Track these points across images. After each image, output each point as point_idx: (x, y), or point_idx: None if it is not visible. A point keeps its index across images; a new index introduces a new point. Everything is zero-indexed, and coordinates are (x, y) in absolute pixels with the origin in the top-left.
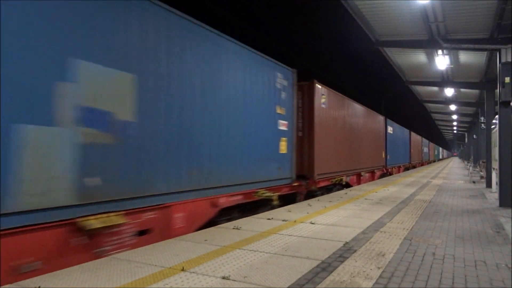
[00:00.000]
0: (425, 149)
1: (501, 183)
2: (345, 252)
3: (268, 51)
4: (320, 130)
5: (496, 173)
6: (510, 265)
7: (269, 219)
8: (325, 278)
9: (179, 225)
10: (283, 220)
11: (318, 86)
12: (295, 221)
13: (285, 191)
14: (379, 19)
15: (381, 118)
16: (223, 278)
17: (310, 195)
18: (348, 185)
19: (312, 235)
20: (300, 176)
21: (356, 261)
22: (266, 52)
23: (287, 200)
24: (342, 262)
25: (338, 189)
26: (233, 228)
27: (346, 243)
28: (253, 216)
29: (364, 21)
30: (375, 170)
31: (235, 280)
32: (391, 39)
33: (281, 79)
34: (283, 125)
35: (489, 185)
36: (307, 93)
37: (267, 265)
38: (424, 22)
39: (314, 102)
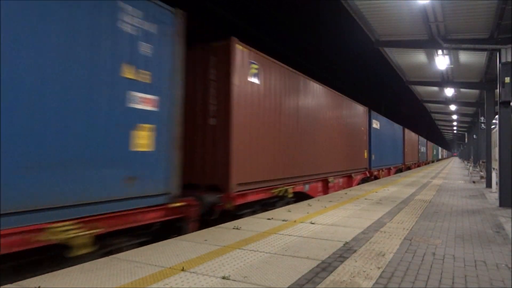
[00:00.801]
0: (422, 149)
1: (501, 183)
2: (345, 252)
3: (268, 51)
4: (245, 116)
5: (496, 173)
6: (510, 265)
7: (269, 219)
8: (325, 278)
9: None
10: (283, 220)
11: (240, 48)
12: (295, 221)
13: (149, 218)
14: (379, 19)
15: (362, 109)
16: (223, 278)
17: (234, 215)
18: (306, 196)
19: (312, 235)
20: (213, 188)
21: (356, 261)
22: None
23: (166, 230)
24: (342, 262)
25: (287, 203)
26: (233, 228)
27: (346, 243)
28: (253, 216)
29: (364, 21)
30: (353, 174)
31: (235, 280)
32: (391, 39)
33: (136, 18)
34: (144, 102)
35: (489, 185)
36: (223, 60)
37: (267, 265)
38: (424, 22)
39: (233, 73)
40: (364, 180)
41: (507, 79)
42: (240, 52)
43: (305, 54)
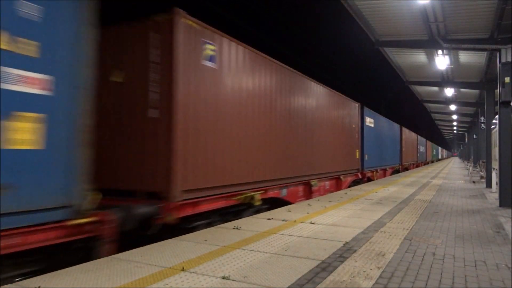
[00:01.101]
0: (421, 148)
1: (501, 183)
2: (345, 252)
3: (268, 51)
4: (194, 108)
5: (496, 173)
6: (510, 265)
7: (269, 219)
8: (325, 278)
9: None
10: (283, 220)
11: (189, 23)
12: (295, 221)
13: (34, 241)
14: (379, 19)
15: (354, 105)
16: (223, 278)
17: (183, 228)
18: (284, 203)
19: (312, 235)
20: (154, 195)
21: (356, 261)
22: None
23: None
24: (342, 262)
25: (258, 211)
26: (233, 228)
27: (346, 243)
28: (253, 216)
29: (364, 21)
30: (342, 176)
31: (235, 280)
32: (391, 39)
33: None
34: (26, 83)
35: (489, 185)
36: (166, 38)
37: (267, 265)
38: (424, 22)
39: (178, 54)
40: (356, 183)
41: (507, 79)
42: (189, 28)
43: (305, 54)
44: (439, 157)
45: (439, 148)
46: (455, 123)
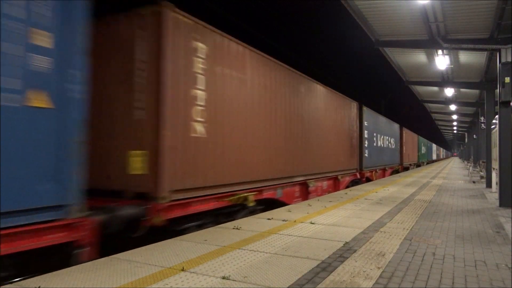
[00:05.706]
0: (393, 143)
1: (501, 183)
2: (345, 252)
3: (268, 51)
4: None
5: (496, 173)
6: (510, 265)
7: (269, 219)
8: (325, 278)
9: None
10: (283, 220)
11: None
12: (295, 221)
13: None
14: (379, 19)
15: None
16: (223, 278)
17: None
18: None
19: (312, 235)
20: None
21: (356, 261)
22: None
23: None
24: (342, 262)
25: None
26: (233, 228)
27: (346, 243)
28: (253, 216)
29: (364, 21)
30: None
31: (235, 280)
32: (391, 39)
33: None
34: None
35: (489, 185)
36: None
37: (267, 265)
38: (424, 22)
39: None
40: None
41: (507, 79)
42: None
43: (305, 53)
44: (434, 157)
45: (434, 145)
46: (455, 123)
